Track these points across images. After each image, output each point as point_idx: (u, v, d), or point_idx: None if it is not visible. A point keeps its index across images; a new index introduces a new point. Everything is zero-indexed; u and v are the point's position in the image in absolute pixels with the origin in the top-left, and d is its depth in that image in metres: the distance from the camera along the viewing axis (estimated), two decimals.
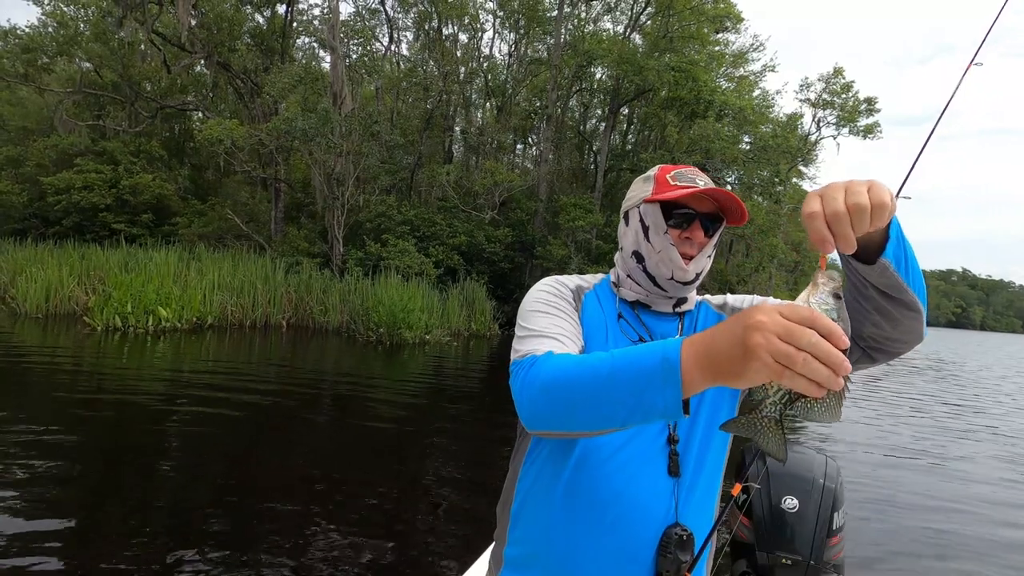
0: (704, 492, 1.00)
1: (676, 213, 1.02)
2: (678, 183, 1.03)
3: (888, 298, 0.83)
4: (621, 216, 1.13)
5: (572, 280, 1.09)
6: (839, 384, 0.56)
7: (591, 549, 0.95)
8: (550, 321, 0.98)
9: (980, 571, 3.77)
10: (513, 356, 0.95)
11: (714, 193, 1.00)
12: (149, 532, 3.26)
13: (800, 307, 0.58)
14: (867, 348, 0.92)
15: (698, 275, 1.07)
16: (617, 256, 1.14)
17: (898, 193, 1.18)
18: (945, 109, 1.17)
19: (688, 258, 1.03)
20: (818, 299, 0.63)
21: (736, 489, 1.09)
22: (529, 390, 0.84)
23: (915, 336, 0.88)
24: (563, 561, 0.96)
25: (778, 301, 0.77)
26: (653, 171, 1.09)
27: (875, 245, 0.78)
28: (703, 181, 1.03)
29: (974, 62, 1.11)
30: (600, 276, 1.15)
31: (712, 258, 1.09)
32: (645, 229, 1.05)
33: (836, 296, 0.63)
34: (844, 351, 0.56)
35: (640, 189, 1.09)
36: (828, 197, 0.65)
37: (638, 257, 1.06)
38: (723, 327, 0.64)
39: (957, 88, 1.11)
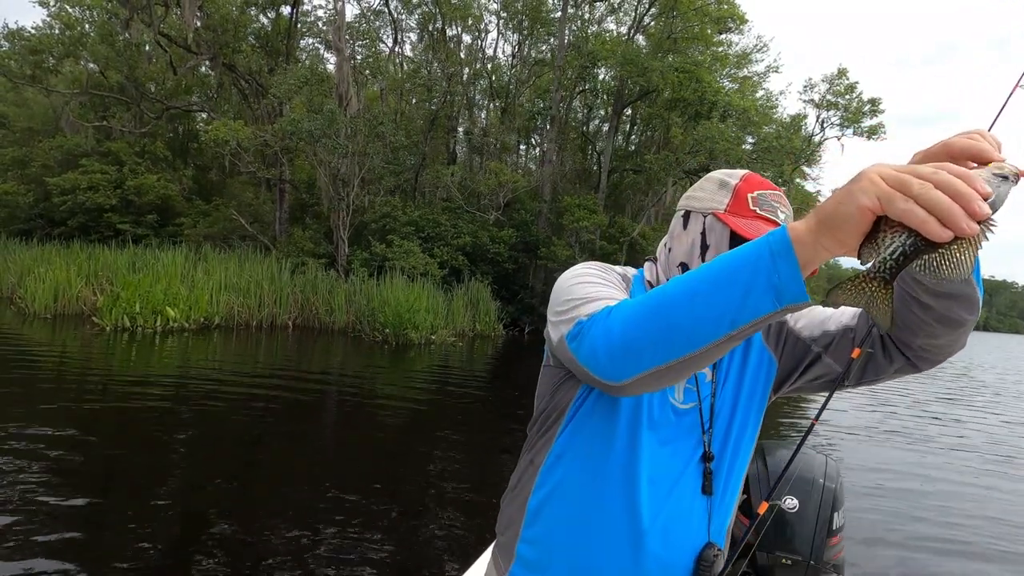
0: (728, 509, 0.97)
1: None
2: (759, 211, 0.92)
3: (952, 298, 0.73)
4: (681, 211, 1.00)
5: (614, 267, 0.99)
6: (969, 225, 0.47)
7: (623, 566, 0.89)
8: (609, 291, 0.87)
9: (980, 567, 3.79)
10: (568, 326, 0.83)
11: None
12: (156, 527, 3.30)
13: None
14: (914, 357, 0.85)
15: None
16: (662, 252, 1.02)
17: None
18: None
19: None
20: (985, 175, 0.52)
21: (763, 507, 1.08)
22: (613, 333, 0.74)
23: (963, 341, 0.81)
24: (588, 573, 0.91)
25: None
26: (736, 179, 0.95)
27: None
28: (784, 214, 0.93)
29: (1020, 84, 1.05)
30: (632, 271, 1.03)
31: None
32: (704, 247, 0.94)
33: (1001, 176, 0.52)
34: (985, 198, 0.48)
35: (713, 194, 0.96)
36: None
37: (685, 269, 0.96)
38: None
39: (1002, 109, 1.04)
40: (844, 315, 0.95)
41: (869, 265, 0.55)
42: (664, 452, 0.92)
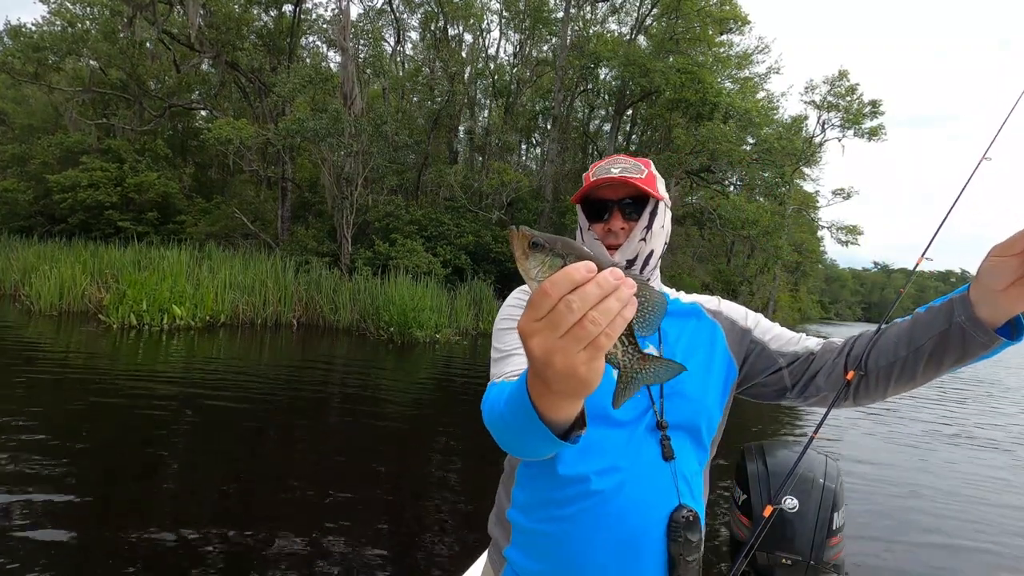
0: (696, 472, 1.01)
1: (596, 208, 1.06)
2: (593, 177, 1.06)
3: (938, 366, 0.88)
4: None
5: None
6: (616, 284, 0.48)
7: (599, 543, 0.94)
8: (513, 337, 1.00)
9: (982, 567, 3.83)
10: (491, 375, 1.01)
11: (613, 180, 1.02)
12: (159, 524, 3.33)
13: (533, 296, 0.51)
14: (855, 389, 0.98)
15: (633, 260, 1.06)
16: None
17: (923, 254, 1.23)
18: (958, 197, 1.22)
19: (614, 248, 1.05)
20: (532, 272, 0.53)
21: (767, 511, 1.09)
22: (485, 419, 0.87)
23: (885, 397, 0.99)
24: (571, 559, 0.95)
25: None
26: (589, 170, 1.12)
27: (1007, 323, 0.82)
28: (619, 168, 1.04)
29: (984, 157, 1.16)
30: None
31: (659, 236, 1.08)
32: (581, 231, 1.11)
33: (534, 246, 0.53)
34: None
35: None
36: None
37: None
38: None
39: (968, 181, 1.17)
40: (810, 341, 1.08)
41: (623, 362, 0.57)
42: (617, 431, 0.97)
